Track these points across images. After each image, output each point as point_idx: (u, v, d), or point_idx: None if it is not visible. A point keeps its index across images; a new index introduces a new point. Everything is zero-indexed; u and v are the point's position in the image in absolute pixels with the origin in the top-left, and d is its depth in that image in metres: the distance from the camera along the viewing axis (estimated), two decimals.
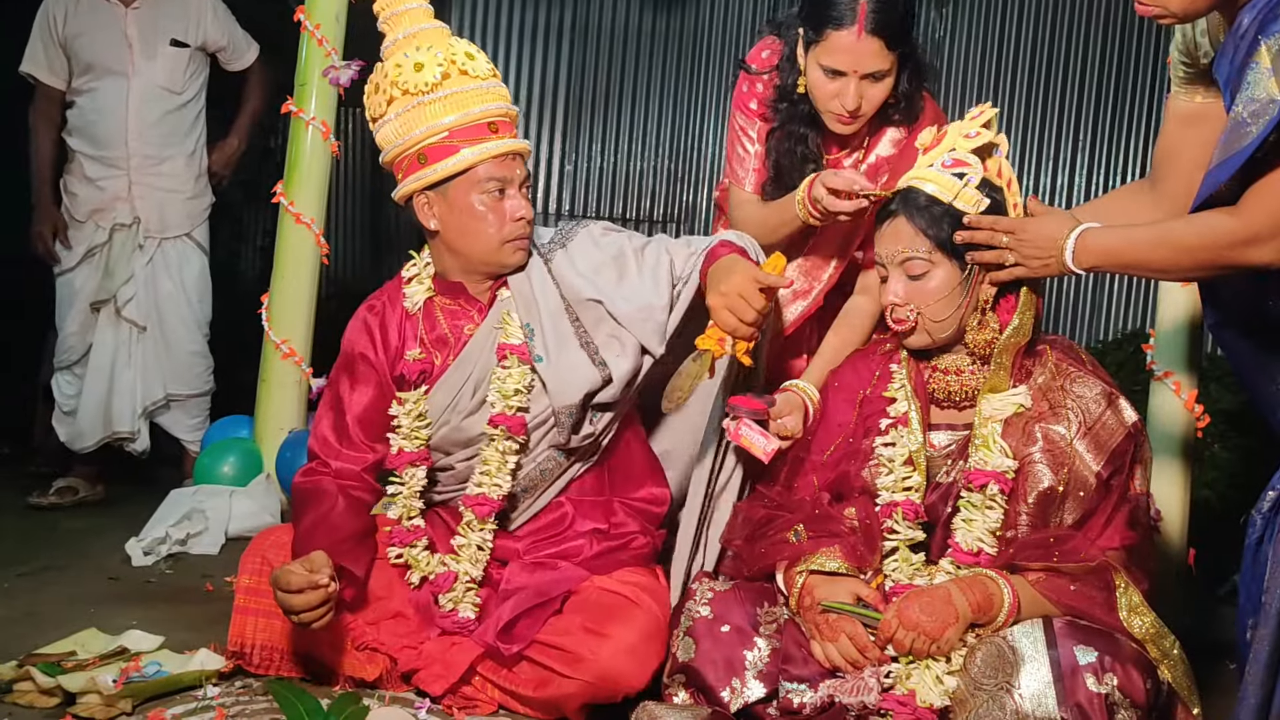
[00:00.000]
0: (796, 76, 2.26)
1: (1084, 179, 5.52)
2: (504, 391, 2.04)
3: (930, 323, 1.85)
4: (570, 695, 1.93)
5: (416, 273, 2.15)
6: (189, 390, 3.67)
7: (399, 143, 2.02)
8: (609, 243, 2.14)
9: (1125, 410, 1.83)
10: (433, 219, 2.04)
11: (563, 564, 2.06)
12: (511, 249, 2.04)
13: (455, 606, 2.04)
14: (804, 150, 2.32)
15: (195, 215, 3.69)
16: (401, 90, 2.00)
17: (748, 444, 1.96)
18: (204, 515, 3.06)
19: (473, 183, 2.00)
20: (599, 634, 1.93)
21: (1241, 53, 1.61)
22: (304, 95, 3.30)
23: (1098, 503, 1.80)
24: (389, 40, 2.07)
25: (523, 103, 6.04)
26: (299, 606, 1.83)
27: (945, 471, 1.88)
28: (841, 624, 1.76)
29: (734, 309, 1.86)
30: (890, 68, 2.17)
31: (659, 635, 1.95)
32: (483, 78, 2.03)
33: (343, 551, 1.94)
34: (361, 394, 2.11)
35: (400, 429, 2.08)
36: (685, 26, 5.92)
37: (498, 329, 2.07)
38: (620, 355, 2.04)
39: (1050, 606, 1.73)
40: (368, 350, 2.11)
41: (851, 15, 2.11)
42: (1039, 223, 1.81)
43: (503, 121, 2.04)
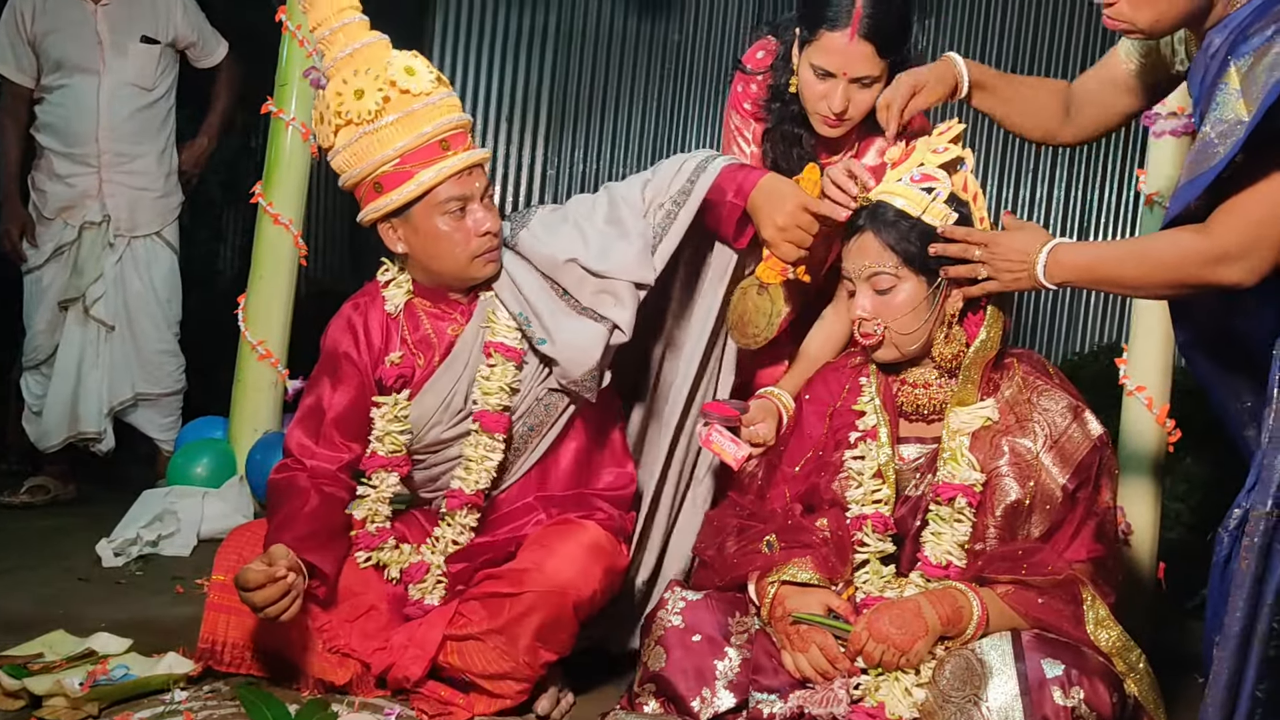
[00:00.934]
0: (789, 76, 2.29)
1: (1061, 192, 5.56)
2: (487, 389, 2.04)
3: (898, 337, 1.87)
4: (523, 615, 1.91)
5: (391, 278, 2.14)
6: (159, 390, 3.65)
7: (353, 173, 1.99)
8: (563, 210, 2.15)
9: (1091, 423, 1.84)
10: (399, 243, 2.03)
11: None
12: (481, 263, 2.03)
13: (423, 596, 2.05)
14: (799, 151, 2.34)
15: (165, 214, 3.68)
16: (345, 120, 1.94)
17: (718, 450, 1.97)
18: (176, 516, 3.04)
19: (433, 205, 1.97)
20: (543, 547, 1.96)
21: (1211, 73, 1.63)
22: (284, 96, 3.29)
23: (1064, 515, 1.81)
24: (328, 61, 2.01)
25: (505, 107, 6.03)
26: (259, 602, 1.82)
27: (914, 484, 1.90)
28: (812, 635, 1.77)
29: (793, 240, 1.91)
30: (880, 75, 2.20)
31: (602, 549, 1.96)
32: (427, 93, 1.95)
33: (311, 547, 1.94)
34: (343, 394, 2.10)
35: (375, 431, 2.07)
36: (668, 32, 5.93)
37: (485, 328, 2.07)
38: (616, 305, 2.01)
39: (1018, 619, 1.74)
40: (351, 349, 2.11)
41: (846, 17, 2.13)
42: (1011, 236, 1.82)
43: (455, 135, 1.98)
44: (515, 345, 2.05)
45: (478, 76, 6.05)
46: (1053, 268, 1.76)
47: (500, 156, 6.06)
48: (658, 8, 5.91)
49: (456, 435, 2.09)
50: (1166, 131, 2.69)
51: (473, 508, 2.08)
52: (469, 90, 6.05)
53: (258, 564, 1.84)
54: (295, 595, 1.85)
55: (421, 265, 2.05)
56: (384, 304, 2.11)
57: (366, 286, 2.17)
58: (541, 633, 1.93)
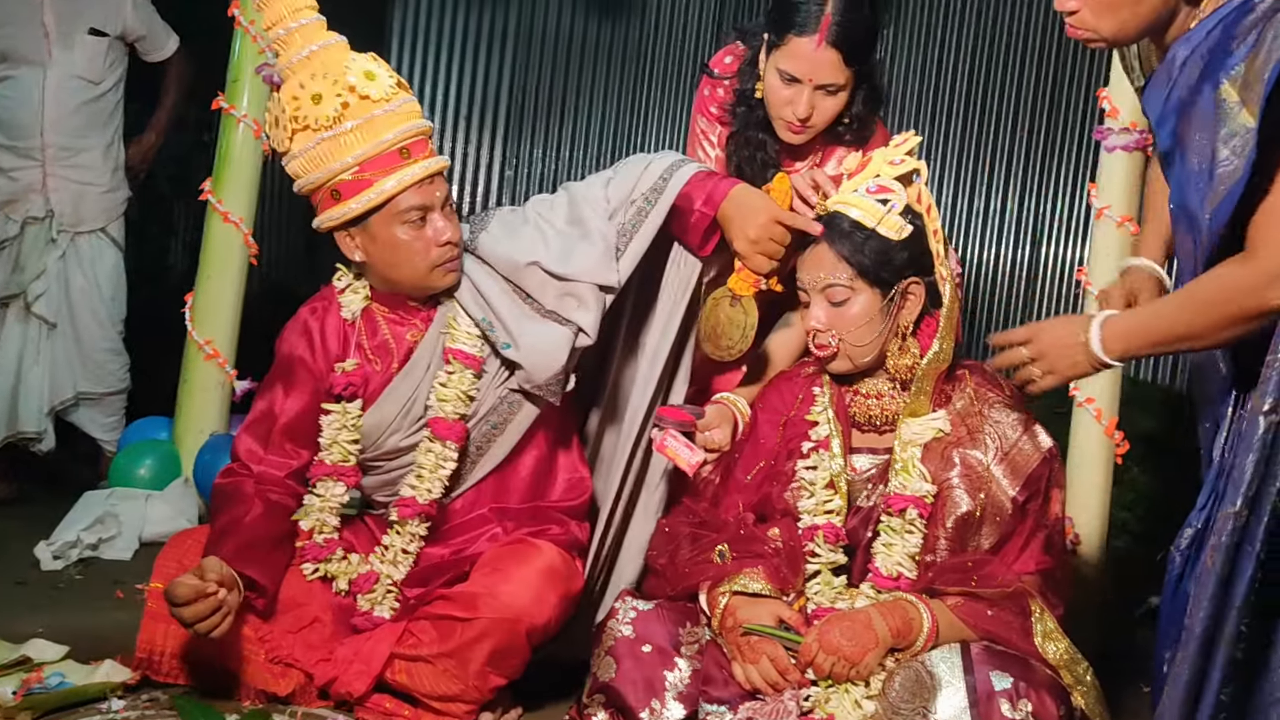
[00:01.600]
0: (755, 81, 2.29)
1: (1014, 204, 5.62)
2: (443, 396, 2.01)
3: (852, 348, 1.87)
4: (475, 640, 1.90)
5: (349, 283, 2.09)
6: (102, 389, 3.58)
7: (309, 179, 1.94)
8: (522, 212, 2.12)
9: (1041, 436, 1.85)
10: (356, 251, 1.99)
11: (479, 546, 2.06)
12: (441, 273, 1.99)
13: (372, 607, 2.01)
14: (764, 156, 2.35)
15: (111, 209, 3.60)
16: (302, 125, 1.89)
17: (673, 455, 1.96)
18: (117, 519, 2.97)
19: (393, 214, 1.93)
20: (497, 571, 1.93)
21: (1181, 89, 1.62)
22: (236, 91, 3.23)
23: (1014, 527, 1.82)
24: (284, 61, 1.95)
25: (465, 108, 5.99)
26: (189, 618, 1.78)
27: (866, 495, 1.90)
28: (762, 646, 1.76)
29: (766, 252, 1.90)
30: (845, 83, 2.21)
31: (557, 573, 1.94)
32: (387, 99, 1.91)
33: (251, 558, 1.90)
34: (295, 400, 2.06)
35: (322, 439, 2.04)
36: (629, 35, 5.93)
37: (445, 334, 2.04)
38: (580, 308, 1.99)
39: (968, 631, 1.75)
40: (305, 354, 2.07)
41: (815, 24, 2.14)
42: (1052, 325, 1.74)
43: (416, 143, 1.94)
44: (475, 353, 2.02)
45: (436, 76, 6.01)
46: (1110, 341, 1.65)
47: (459, 157, 6.02)
48: (618, 9, 5.90)
49: (415, 443, 2.05)
50: (1119, 146, 2.72)
51: (424, 517, 2.05)
52: (427, 90, 6.00)
53: (189, 578, 1.80)
54: (227, 611, 1.81)
55: (380, 274, 2.02)
56: (340, 310, 2.07)
57: (323, 290, 2.13)
58: (493, 658, 1.91)
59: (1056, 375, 1.72)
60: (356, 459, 2.06)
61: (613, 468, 2.17)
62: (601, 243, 2.01)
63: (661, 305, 2.13)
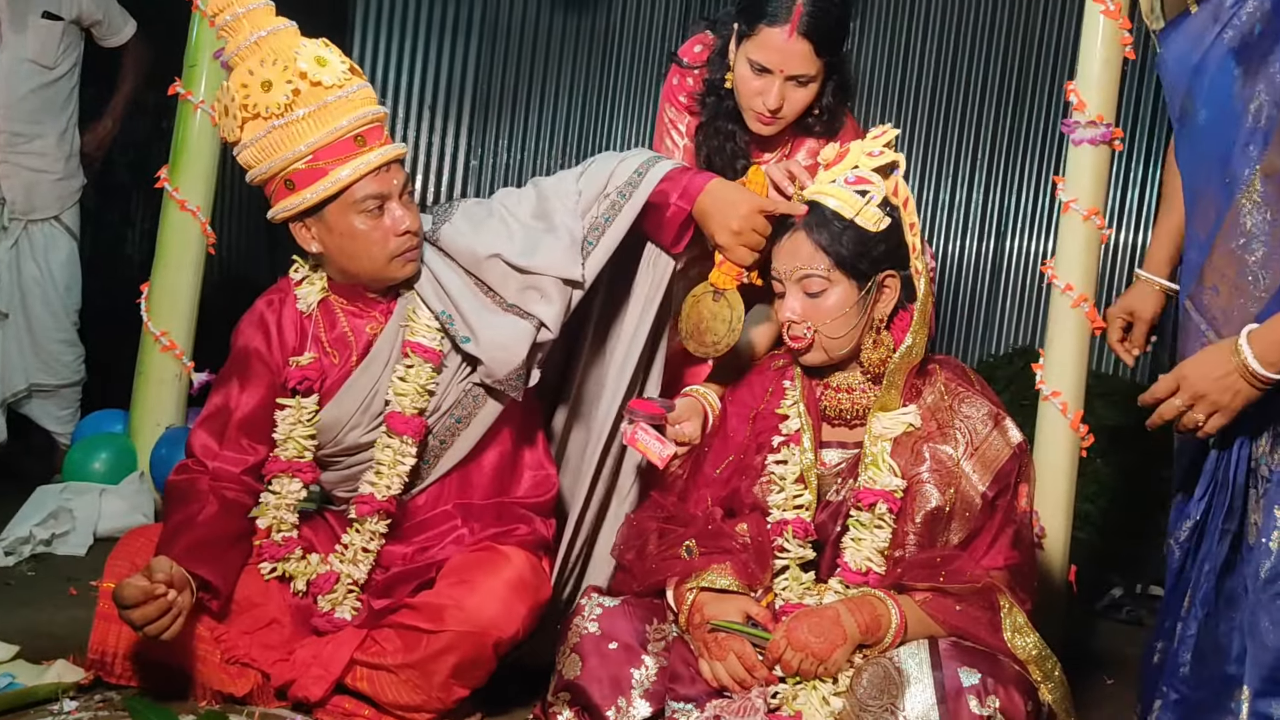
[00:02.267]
0: (725, 71, 2.28)
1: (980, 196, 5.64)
2: (401, 391, 1.97)
3: (827, 340, 1.84)
4: (440, 652, 1.86)
5: (305, 275, 2.04)
6: (56, 380, 3.52)
7: (261, 169, 1.88)
8: (487, 204, 2.08)
9: (1011, 431, 1.84)
10: (312, 242, 1.94)
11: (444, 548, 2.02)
12: (400, 263, 1.95)
13: (333, 608, 1.97)
14: (733, 146, 2.34)
15: (65, 197, 3.53)
16: (252, 114, 1.83)
17: (643, 449, 1.94)
18: (71, 514, 2.91)
19: (349, 204, 1.88)
20: (464, 583, 1.89)
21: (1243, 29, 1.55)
22: (193, 77, 3.16)
23: (983, 523, 1.81)
24: (231, 48, 1.89)
25: (429, 96, 5.93)
26: (137, 620, 1.74)
27: (835, 490, 1.88)
28: (730, 643, 1.74)
29: (748, 244, 1.88)
30: (816, 74, 2.21)
31: (526, 583, 1.91)
32: (340, 85, 1.85)
33: (205, 557, 1.85)
34: (251, 394, 2.01)
35: (277, 435, 1.99)
36: (595, 26, 5.89)
37: (404, 326, 1.99)
38: (543, 301, 1.95)
39: (936, 627, 1.74)
40: (262, 347, 2.01)
41: (786, 14, 2.13)
42: (1195, 367, 1.67)
43: (371, 129, 1.89)
44: (434, 346, 1.98)
45: (400, 65, 5.94)
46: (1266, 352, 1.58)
47: (423, 147, 5.96)
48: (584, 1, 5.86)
49: (375, 439, 2.01)
50: (1085, 139, 2.72)
51: (384, 514, 2.01)
52: (391, 79, 5.93)
53: (137, 579, 1.76)
54: (177, 613, 1.76)
55: (337, 265, 1.97)
56: (296, 302, 2.02)
57: (280, 282, 2.08)
58: (458, 671, 1.88)
59: (1224, 411, 1.65)
60: (313, 454, 2.01)
61: (582, 470, 2.13)
62: (567, 237, 1.97)
63: (633, 306, 2.09)
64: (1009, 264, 5.60)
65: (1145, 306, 2.08)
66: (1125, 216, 5.45)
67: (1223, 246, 1.69)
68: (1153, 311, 2.08)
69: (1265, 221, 1.63)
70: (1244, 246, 1.67)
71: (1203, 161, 1.73)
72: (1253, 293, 1.67)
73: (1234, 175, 1.65)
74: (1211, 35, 1.68)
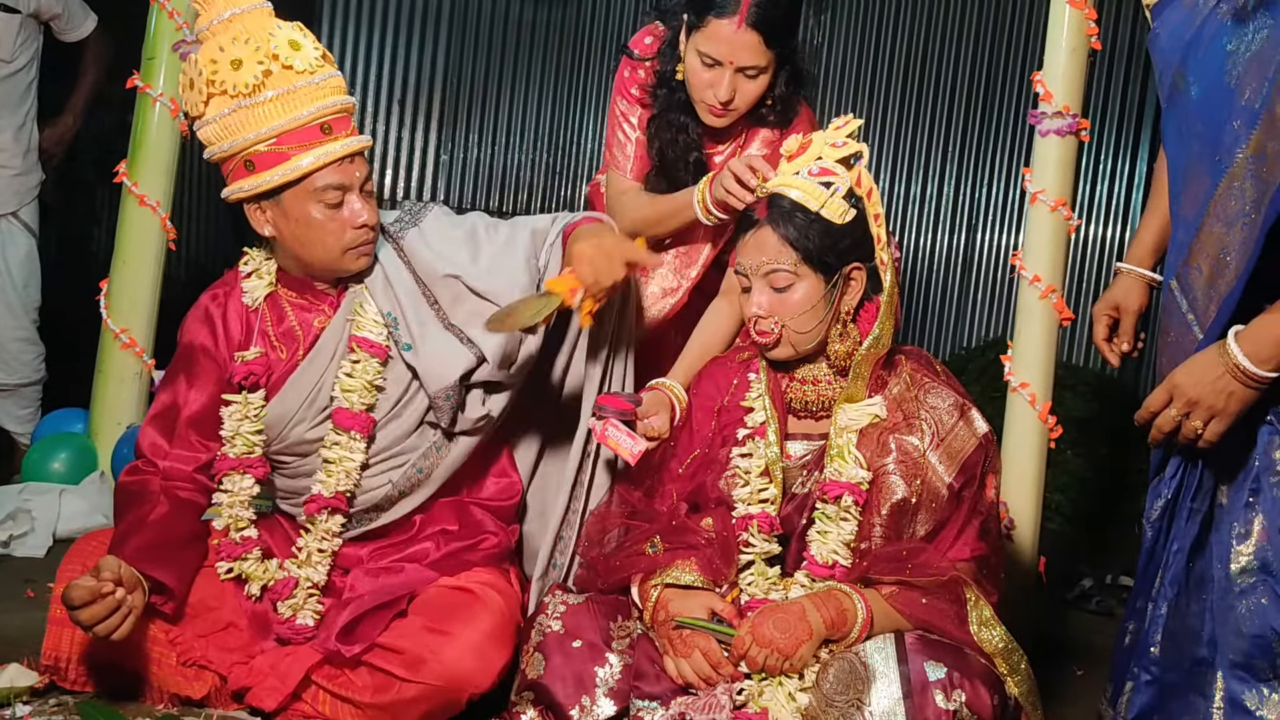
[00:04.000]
0: (676, 63, 2.26)
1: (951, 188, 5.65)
2: (348, 387, 1.93)
3: (795, 335, 1.82)
4: (412, 701, 1.83)
5: (255, 268, 2.01)
6: (15, 380, 3.46)
7: (222, 147, 1.85)
8: (460, 218, 2.06)
9: (977, 421, 1.83)
10: (266, 225, 1.91)
11: (409, 567, 1.97)
12: (354, 256, 1.92)
13: (294, 614, 1.93)
14: (686, 139, 2.31)
15: (23, 193, 3.47)
16: (220, 90, 1.81)
17: (614, 445, 1.92)
18: (30, 515, 2.86)
19: (308, 191, 1.85)
20: (441, 633, 1.84)
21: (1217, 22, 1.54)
22: (151, 70, 3.11)
23: (949, 514, 1.80)
24: (202, 23, 1.86)
25: (399, 91, 5.88)
26: (87, 620, 1.71)
27: (801, 482, 1.86)
28: (695, 640, 1.72)
29: (595, 265, 1.84)
30: (767, 65, 2.18)
31: (505, 633, 1.87)
32: (311, 71, 1.83)
33: (156, 559, 1.82)
34: (199, 390, 1.98)
35: (224, 431, 1.95)
36: (565, 18, 5.86)
37: (350, 320, 1.96)
38: (487, 332, 1.93)
39: (903, 620, 1.72)
40: (208, 342, 1.98)
41: (734, 5, 2.11)
42: (1185, 374, 1.62)
43: (338, 119, 1.87)
44: (380, 341, 1.95)
45: (368, 58, 5.88)
46: (1258, 349, 1.54)
47: (392, 142, 5.91)
48: None
49: (321, 436, 1.97)
50: (1052, 130, 2.71)
51: (334, 511, 1.97)
52: (359, 73, 5.87)
53: (84, 579, 1.72)
54: (127, 612, 1.73)
55: (290, 252, 1.94)
56: (242, 296, 1.99)
57: (226, 275, 2.04)
58: (427, 716, 1.85)
59: (1221, 415, 1.60)
60: (262, 450, 1.98)
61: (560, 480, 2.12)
62: (526, 276, 1.97)
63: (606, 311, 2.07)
64: (979, 256, 5.62)
65: (1130, 299, 2.04)
66: (1095, 208, 5.47)
67: (1209, 226, 1.66)
68: (1138, 303, 2.04)
69: (1249, 202, 1.60)
70: (1228, 226, 1.64)
71: (1194, 139, 1.70)
72: (1227, 274, 1.64)
73: (1224, 153, 1.62)
74: (1207, 8, 1.67)
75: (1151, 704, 1.76)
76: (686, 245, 2.36)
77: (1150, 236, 2.02)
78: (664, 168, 2.32)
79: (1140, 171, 5.44)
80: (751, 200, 1.90)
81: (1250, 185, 1.59)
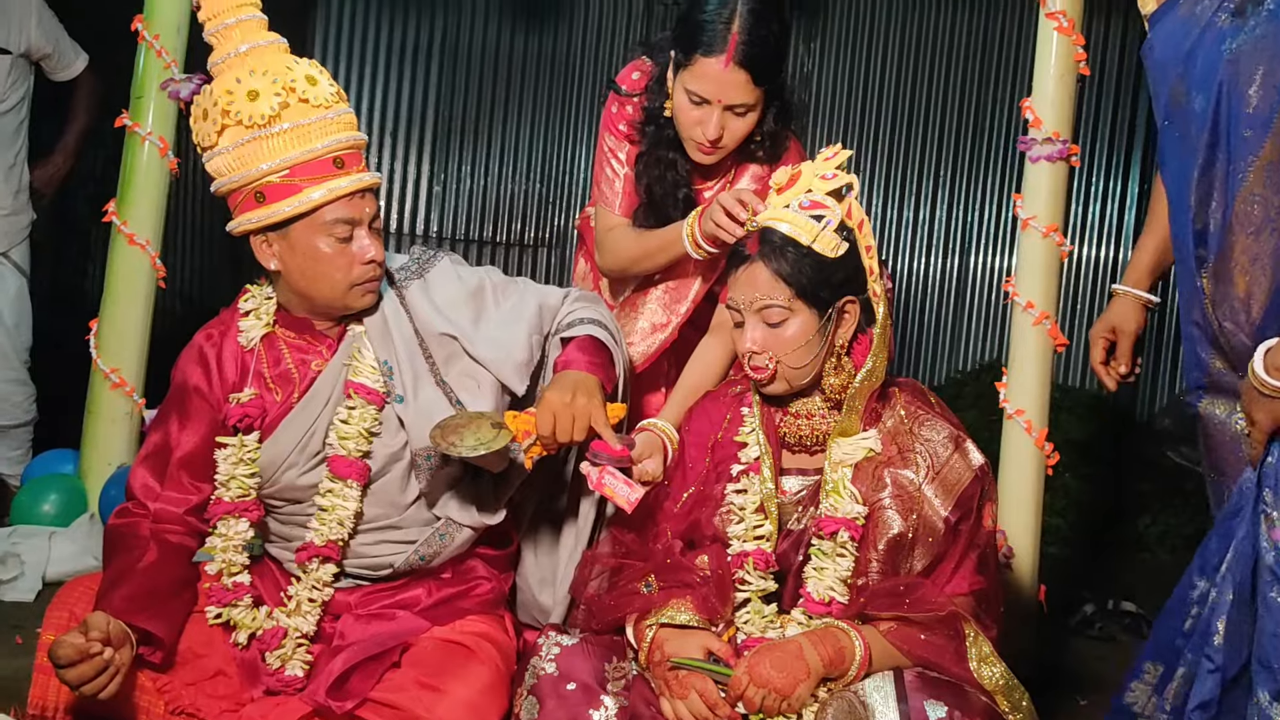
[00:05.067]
0: (664, 99, 2.24)
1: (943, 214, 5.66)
2: (344, 434, 1.91)
3: (789, 371, 1.80)
4: None
5: (254, 306, 1.99)
6: (6, 421, 3.44)
7: (233, 178, 1.85)
8: (469, 274, 2.05)
9: (972, 453, 1.81)
10: (272, 259, 1.89)
11: (400, 614, 1.94)
12: (360, 293, 1.91)
13: (283, 664, 1.90)
14: (674, 175, 2.29)
15: (13, 234, 3.46)
16: (234, 120, 1.81)
17: (611, 494, 1.87)
18: (19, 559, 2.83)
19: (318, 225, 1.84)
20: (435, 689, 1.80)
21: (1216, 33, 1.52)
22: (140, 109, 3.10)
23: (946, 548, 1.78)
24: (218, 56, 1.88)
25: (390, 122, 5.90)
26: (73, 680, 1.68)
27: (796, 518, 1.84)
28: (691, 680, 1.69)
29: (560, 421, 1.83)
30: (755, 103, 2.16)
31: (499, 688, 1.84)
32: (326, 105, 1.85)
33: (144, 608, 1.78)
34: (192, 431, 1.95)
35: (219, 475, 1.93)
36: (556, 49, 5.88)
37: (347, 365, 1.94)
38: (476, 395, 1.93)
39: (901, 657, 1.70)
40: (201, 383, 1.95)
41: (722, 44, 2.09)
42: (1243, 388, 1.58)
43: (350, 154, 1.87)
44: (378, 389, 1.93)
45: (361, 89, 5.91)
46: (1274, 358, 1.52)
47: (385, 172, 5.92)
48: (545, 22, 5.86)
49: (313, 483, 1.94)
50: (1042, 156, 2.72)
51: (326, 560, 1.94)
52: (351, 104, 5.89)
53: (72, 636, 1.69)
54: (114, 671, 1.70)
55: (295, 287, 1.91)
56: (238, 335, 1.97)
57: (222, 314, 2.02)
58: None
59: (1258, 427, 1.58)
60: (257, 493, 1.95)
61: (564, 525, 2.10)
62: (526, 353, 1.97)
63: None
64: (973, 281, 5.62)
65: (1127, 321, 2.02)
66: (1087, 232, 5.49)
67: (1235, 238, 1.64)
68: (1135, 325, 2.02)
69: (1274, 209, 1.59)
70: (1255, 235, 1.62)
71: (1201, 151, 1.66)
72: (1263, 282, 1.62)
73: (1238, 161, 1.59)
74: (1206, 15, 1.63)
75: (1213, 695, 1.65)
76: (676, 280, 2.34)
77: (1147, 258, 2.00)
78: (652, 204, 2.31)
79: (1132, 192, 5.46)
80: (741, 234, 1.88)
81: (1272, 193, 1.58)
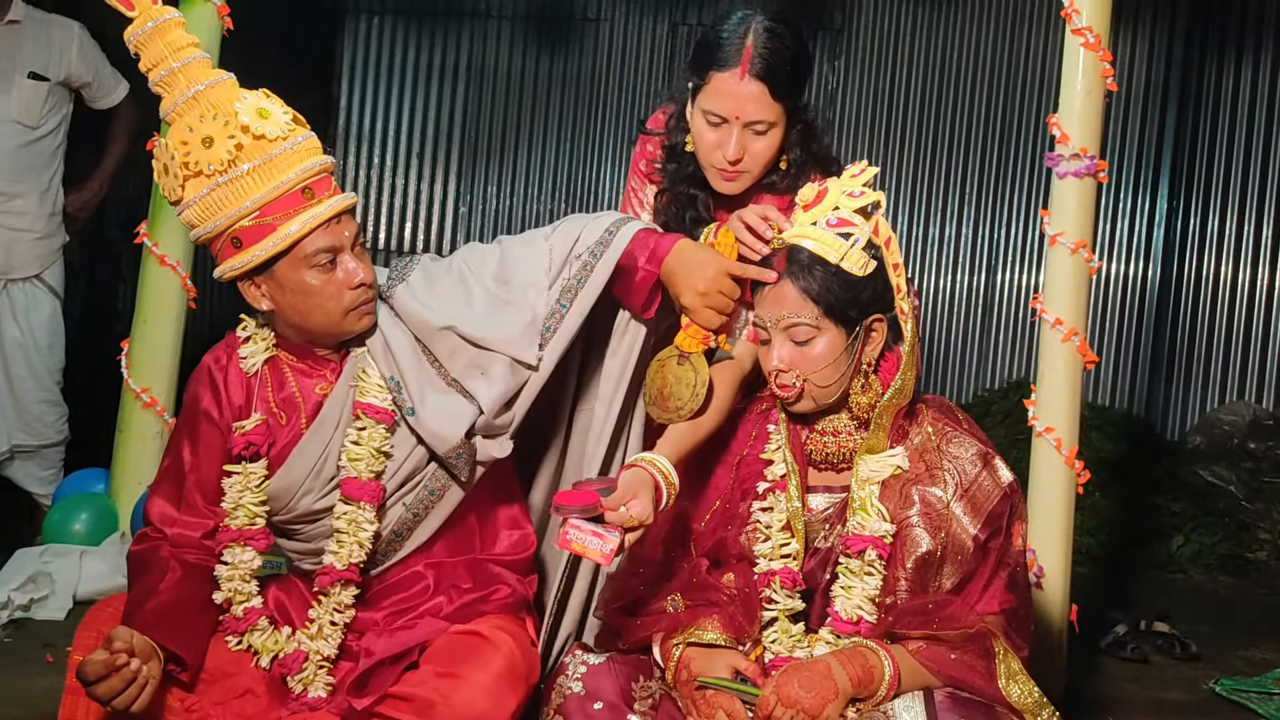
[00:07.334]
0: (685, 134, 2.18)
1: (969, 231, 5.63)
2: (355, 456, 1.88)
3: (816, 389, 1.79)
4: None
5: (251, 334, 1.96)
6: (38, 441, 3.47)
7: (205, 229, 1.81)
8: (445, 263, 2.00)
9: (1001, 470, 1.79)
10: (263, 300, 1.86)
11: (422, 621, 1.92)
12: (356, 317, 1.88)
13: (305, 688, 1.90)
14: (693, 214, 2.23)
15: (46, 256, 3.51)
16: (194, 171, 1.76)
17: (580, 550, 1.70)
18: (50, 578, 2.87)
19: (300, 259, 1.81)
20: (451, 676, 1.79)
21: None
22: None
23: (976, 566, 1.76)
24: (167, 105, 1.82)
25: (417, 144, 5.95)
26: (103, 695, 1.67)
27: (823, 536, 1.83)
28: (719, 700, 1.69)
29: (715, 306, 1.83)
30: (776, 120, 2.08)
31: (516, 674, 1.81)
32: (284, 137, 1.77)
33: (169, 627, 1.78)
34: (204, 455, 1.93)
35: (226, 503, 1.91)
36: (581, 71, 5.91)
37: (354, 386, 1.92)
38: (484, 380, 1.88)
39: (930, 677, 1.68)
40: (211, 408, 1.93)
41: (736, 57, 2.03)
42: None
43: (318, 181, 1.82)
44: (386, 407, 1.91)
45: (387, 112, 5.96)
46: None
47: (411, 194, 5.97)
48: (570, 44, 5.89)
49: (331, 505, 1.93)
50: (1070, 173, 2.70)
51: (348, 583, 1.93)
52: (379, 127, 5.95)
53: (97, 653, 1.68)
54: (144, 683, 1.69)
55: (291, 323, 1.89)
56: (240, 362, 1.93)
57: (228, 336, 1.99)
58: None
59: None
60: (265, 520, 1.93)
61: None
62: (529, 312, 1.91)
63: (607, 375, 2.03)
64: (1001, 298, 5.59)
65: None
66: (1115, 248, 5.44)
67: None
68: None
69: None
70: None
71: None
72: None
73: None
74: None
75: None
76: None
77: None
78: None
79: (1160, 209, 5.41)
80: (765, 251, 1.88)
81: None
